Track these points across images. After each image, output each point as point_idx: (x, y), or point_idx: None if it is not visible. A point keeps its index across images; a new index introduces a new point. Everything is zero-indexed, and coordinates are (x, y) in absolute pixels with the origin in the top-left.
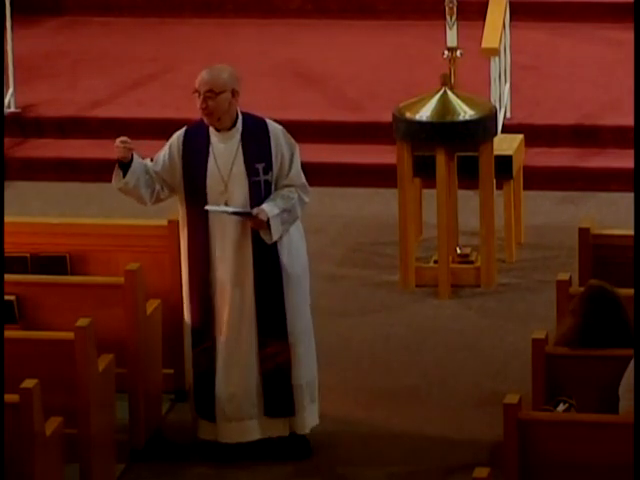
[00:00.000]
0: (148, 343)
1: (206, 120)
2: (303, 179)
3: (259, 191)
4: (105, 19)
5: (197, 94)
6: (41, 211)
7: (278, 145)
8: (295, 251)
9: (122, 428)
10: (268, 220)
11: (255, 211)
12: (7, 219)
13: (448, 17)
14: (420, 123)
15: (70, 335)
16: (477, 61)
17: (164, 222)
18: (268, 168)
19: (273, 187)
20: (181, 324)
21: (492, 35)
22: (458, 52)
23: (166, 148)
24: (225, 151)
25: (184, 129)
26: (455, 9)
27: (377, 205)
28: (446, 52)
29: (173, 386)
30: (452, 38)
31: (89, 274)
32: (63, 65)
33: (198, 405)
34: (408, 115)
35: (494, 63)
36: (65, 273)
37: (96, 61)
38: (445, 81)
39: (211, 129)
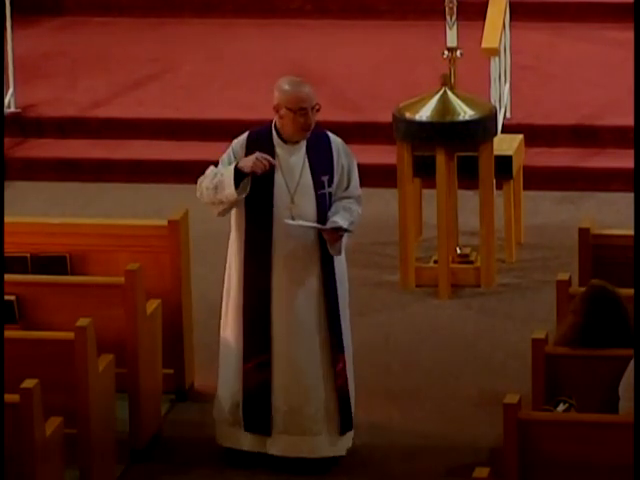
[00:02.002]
0: (148, 343)
1: (300, 136)
2: (359, 191)
3: (325, 203)
4: (105, 19)
5: (296, 112)
6: (41, 211)
7: (339, 157)
8: (344, 261)
9: (122, 428)
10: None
11: (332, 224)
12: (7, 219)
13: (448, 17)
14: (420, 123)
15: (70, 335)
16: (477, 61)
17: (164, 222)
18: (331, 180)
19: (333, 199)
20: (181, 324)
21: (492, 35)
22: (458, 52)
23: (230, 154)
24: (292, 164)
25: (245, 137)
26: (455, 9)
27: (377, 205)
28: (446, 52)
29: (173, 386)
30: (452, 38)
31: (89, 274)
32: (63, 65)
33: (248, 419)
34: (408, 115)
35: (494, 63)
36: (65, 273)
37: (96, 61)
38: (445, 81)
39: (277, 140)
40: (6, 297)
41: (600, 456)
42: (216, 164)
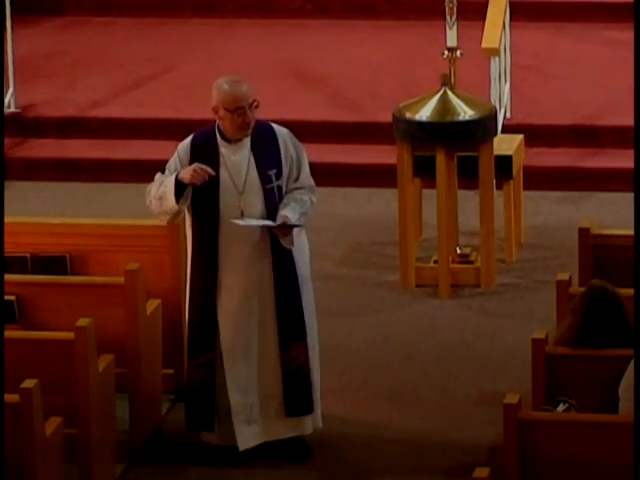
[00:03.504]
0: (148, 343)
1: (241, 134)
2: (311, 180)
3: (274, 198)
4: (105, 19)
5: (233, 112)
6: (41, 211)
7: (287, 149)
8: (304, 251)
9: (122, 428)
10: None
11: (280, 220)
12: (7, 219)
13: (448, 17)
14: (420, 123)
15: (70, 335)
16: (477, 61)
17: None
18: (279, 174)
19: (284, 191)
20: (181, 324)
21: (492, 35)
22: (458, 52)
23: (175, 158)
24: (238, 162)
25: (190, 139)
26: (455, 9)
27: (377, 205)
28: (446, 52)
29: (173, 386)
30: (452, 38)
31: (89, 274)
32: (63, 65)
33: (190, 417)
34: (408, 115)
35: (494, 63)
36: (65, 273)
37: (96, 61)
38: (445, 81)
39: (220, 140)
40: (6, 297)
41: (600, 456)
42: (163, 170)
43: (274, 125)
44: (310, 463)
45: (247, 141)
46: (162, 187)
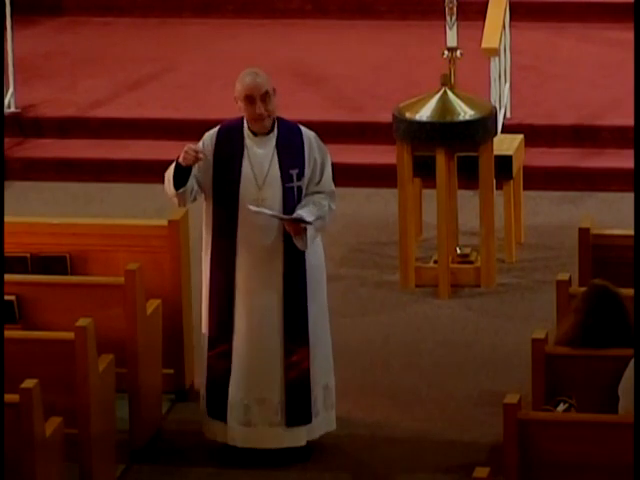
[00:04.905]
0: (148, 343)
1: (257, 126)
2: (333, 186)
3: (292, 197)
4: (105, 19)
5: (244, 101)
6: (41, 211)
7: (311, 151)
8: (318, 255)
9: (122, 428)
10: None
11: (296, 216)
12: (7, 219)
13: (448, 17)
14: (420, 123)
15: (70, 335)
16: (477, 61)
17: (164, 222)
18: (301, 174)
19: (304, 193)
20: (181, 324)
21: (492, 35)
22: (458, 52)
23: (199, 146)
24: (261, 156)
25: (216, 129)
26: (455, 9)
27: (377, 205)
28: (446, 52)
29: (173, 386)
30: (452, 38)
31: (89, 274)
32: (63, 65)
33: (211, 406)
34: (408, 115)
35: (494, 63)
36: (65, 273)
37: (96, 61)
38: (445, 81)
39: (247, 132)
40: (6, 297)
41: (600, 456)
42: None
43: (302, 127)
44: (310, 463)
45: (273, 137)
46: (169, 170)
